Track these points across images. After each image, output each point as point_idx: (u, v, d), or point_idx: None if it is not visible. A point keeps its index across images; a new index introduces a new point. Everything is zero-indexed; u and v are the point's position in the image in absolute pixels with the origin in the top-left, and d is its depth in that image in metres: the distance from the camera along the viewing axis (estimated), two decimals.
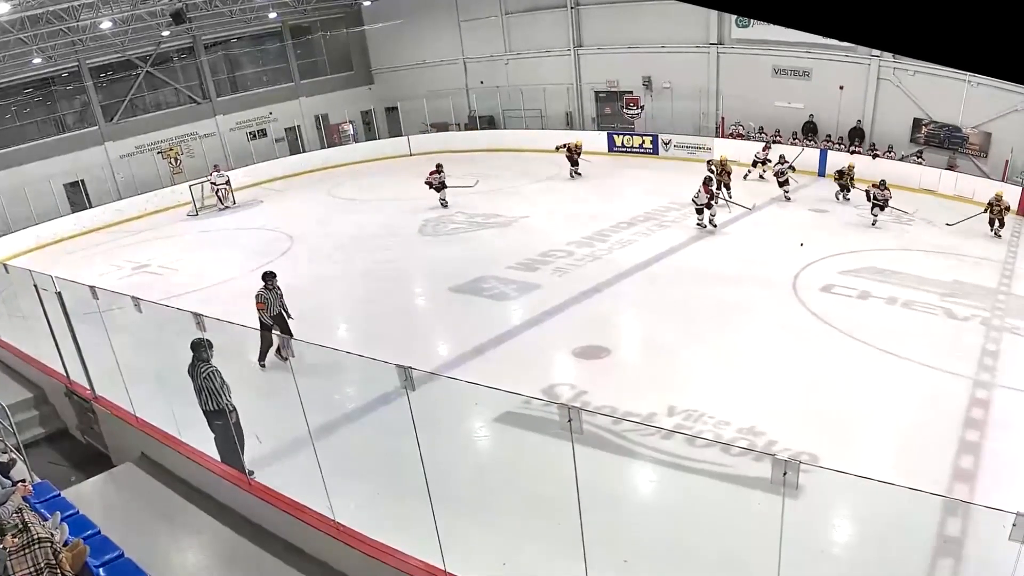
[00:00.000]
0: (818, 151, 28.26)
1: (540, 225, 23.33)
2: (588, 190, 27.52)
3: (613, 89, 35.27)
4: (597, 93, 36.00)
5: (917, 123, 27.32)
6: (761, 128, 30.28)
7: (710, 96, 32.17)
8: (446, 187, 26.06)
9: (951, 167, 25.80)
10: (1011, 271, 18.30)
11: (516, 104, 37.28)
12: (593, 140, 34.06)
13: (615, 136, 33.95)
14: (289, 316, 14.98)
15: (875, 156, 26.88)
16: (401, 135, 38.18)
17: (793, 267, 18.35)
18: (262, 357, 14.39)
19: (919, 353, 13.73)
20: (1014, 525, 5.01)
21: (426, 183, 26.06)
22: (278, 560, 8.88)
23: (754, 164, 27.60)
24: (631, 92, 34.36)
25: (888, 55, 26.22)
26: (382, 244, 22.77)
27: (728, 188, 24.37)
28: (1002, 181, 24.09)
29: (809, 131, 29.55)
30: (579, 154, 29.32)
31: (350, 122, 39.20)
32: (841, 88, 28.62)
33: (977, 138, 25.84)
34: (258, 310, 14.54)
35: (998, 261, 18.71)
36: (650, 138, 32.87)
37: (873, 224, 21.68)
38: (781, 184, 24.99)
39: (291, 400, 8.63)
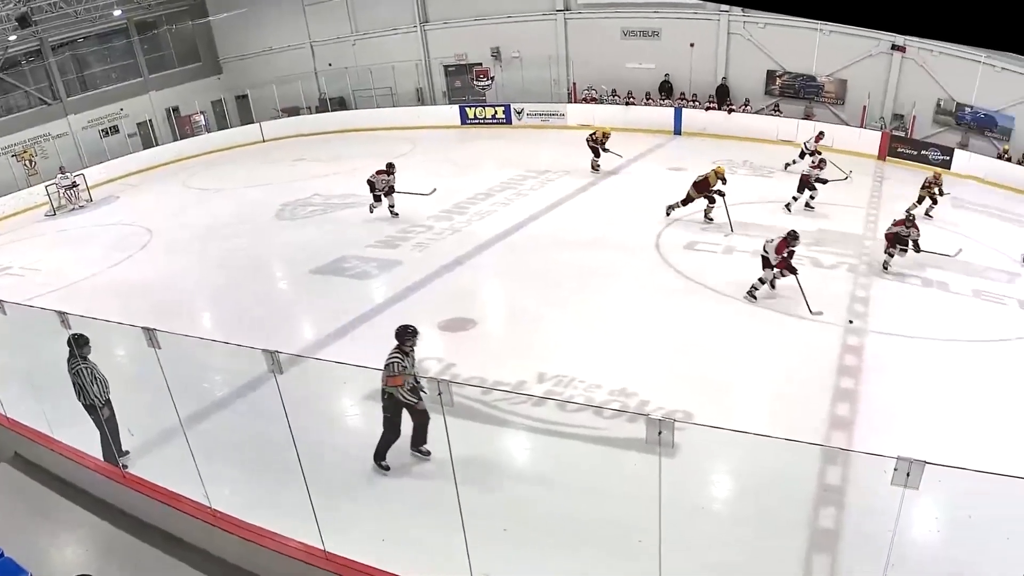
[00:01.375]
0: (673, 109, 28.26)
1: (397, 202, 22.67)
2: (443, 164, 27.02)
3: (462, 62, 35.09)
4: (446, 67, 35.75)
5: (771, 75, 27.72)
6: (614, 91, 30.38)
7: (560, 62, 32.32)
8: (395, 192, 21.11)
9: (808, 116, 26.31)
10: (876, 216, 18.66)
11: (366, 84, 36.79)
12: (445, 114, 34.15)
13: (467, 109, 33.81)
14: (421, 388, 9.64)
15: (731, 112, 26.99)
16: (253, 122, 37.67)
17: (654, 227, 18.36)
18: (379, 455, 9.83)
19: (788, 304, 13.88)
20: (895, 469, 5.07)
21: (368, 182, 21.02)
22: (156, 550, 8.84)
23: (801, 155, 22.40)
24: (480, 64, 34.23)
25: (736, 9, 26.33)
26: (239, 231, 22.13)
27: (724, 197, 18.42)
28: (860, 127, 24.55)
29: (665, 91, 29.53)
30: (604, 144, 24.22)
31: (201, 113, 38.37)
32: (692, 45, 28.79)
33: (833, 86, 26.44)
34: (389, 387, 9.38)
35: (861, 207, 18.87)
36: (502, 108, 32.87)
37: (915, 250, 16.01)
38: (812, 185, 19.23)
39: (160, 391, 8.35)
